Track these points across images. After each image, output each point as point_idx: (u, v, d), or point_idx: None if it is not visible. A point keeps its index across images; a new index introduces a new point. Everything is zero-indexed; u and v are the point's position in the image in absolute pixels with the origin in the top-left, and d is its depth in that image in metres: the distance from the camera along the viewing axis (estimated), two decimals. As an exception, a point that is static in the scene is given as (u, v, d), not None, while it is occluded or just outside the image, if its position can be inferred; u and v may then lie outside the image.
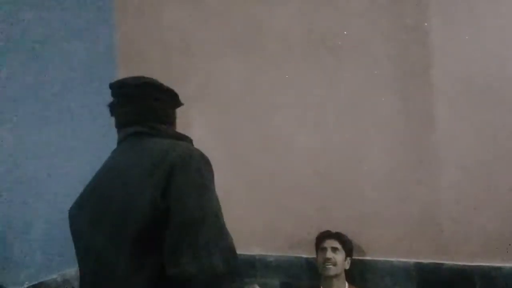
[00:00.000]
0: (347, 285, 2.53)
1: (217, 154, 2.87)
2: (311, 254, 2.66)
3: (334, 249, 2.53)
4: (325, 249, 2.54)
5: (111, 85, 1.65)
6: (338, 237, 2.57)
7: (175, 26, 3.03)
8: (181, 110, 1.73)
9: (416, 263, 2.53)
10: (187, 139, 1.63)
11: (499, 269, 2.38)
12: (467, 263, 2.43)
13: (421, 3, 2.51)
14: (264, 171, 2.84)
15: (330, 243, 2.55)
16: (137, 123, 1.61)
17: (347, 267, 2.55)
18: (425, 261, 2.52)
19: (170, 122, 1.68)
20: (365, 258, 2.63)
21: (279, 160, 2.81)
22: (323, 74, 2.72)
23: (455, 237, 2.47)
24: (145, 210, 1.37)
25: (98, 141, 2.85)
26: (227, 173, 2.90)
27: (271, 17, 2.81)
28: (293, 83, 2.78)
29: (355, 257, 2.61)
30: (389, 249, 2.58)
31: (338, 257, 2.51)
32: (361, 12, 2.62)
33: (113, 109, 1.66)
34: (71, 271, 2.62)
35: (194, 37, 2.96)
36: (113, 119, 3.04)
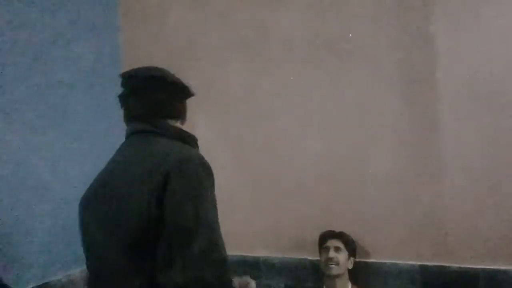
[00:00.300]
0: (350, 285, 2.52)
1: (221, 156, 2.91)
2: (316, 256, 2.66)
3: (337, 248, 2.52)
4: (328, 249, 2.53)
5: (121, 76, 1.64)
6: (341, 236, 2.56)
7: (180, 29, 3.04)
8: (185, 112, 1.71)
9: (420, 265, 2.52)
10: (191, 139, 1.61)
11: (504, 272, 2.37)
12: (472, 266, 2.43)
13: (426, 7, 2.51)
14: (269, 173, 2.84)
15: (333, 242, 2.54)
16: (143, 117, 1.59)
17: (350, 267, 2.54)
18: (429, 263, 2.51)
19: (178, 115, 1.66)
20: (370, 260, 2.63)
21: (283, 162, 2.81)
22: (327, 77, 2.72)
23: (460, 239, 2.46)
24: (139, 216, 1.37)
25: (103, 143, 2.86)
26: (232, 175, 2.91)
27: (276, 21, 2.82)
28: (298, 86, 2.78)
29: (359, 259, 2.61)
30: (393, 251, 2.58)
31: (341, 256, 2.50)
32: (366, 16, 2.63)
33: (121, 100, 1.64)
34: (76, 272, 2.62)
35: (199, 40, 2.97)
36: (117, 119, 3.05)
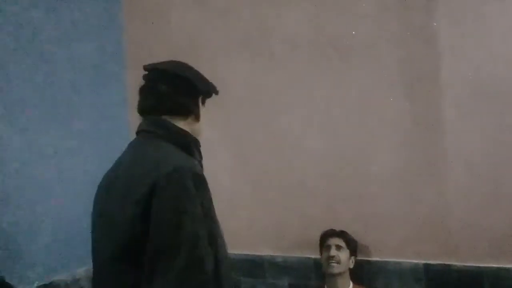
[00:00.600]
0: (351, 284, 2.52)
1: (224, 156, 2.91)
2: (319, 255, 2.66)
3: (339, 247, 2.52)
4: (329, 247, 2.53)
5: (143, 68, 1.63)
6: (343, 235, 2.56)
7: (182, 28, 3.04)
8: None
9: (424, 264, 2.52)
10: (190, 144, 1.56)
11: (508, 270, 2.37)
12: (476, 264, 2.42)
13: (429, 5, 2.50)
14: (271, 172, 2.84)
15: (334, 241, 2.54)
16: (148, 112, 1.57)
17: (351, 266, 2.54)
18: (433, 262, 2.51)
19: (184, 112, 1.59)
20: (373, 259, 2.63)
21: (286, 161, 2.81)
22: (330, 76, 2.72)
23: (464, 238, 2.46)
24: (124, 229, 1.38)
25: (106, 142, 2.87)
26: (234, 174, 2.91)
27: (279, 19, 2.81)
28: (301, 84, 2.78)
29: (362, 258, 2.61)
30: (397, 250, 2.58)
31: (342, 255, 2.50)
32: (369, 14, 2.62)
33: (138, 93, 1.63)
34: (81, 271, 2.63)
35: (202, 38, 2.97)
36: (121, 118, 3.07)
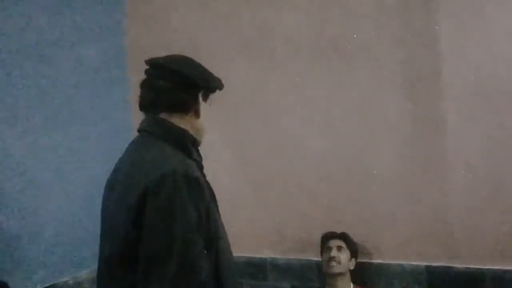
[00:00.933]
0: (352, 286, 2.52)
1: (225, 157, 2.91)
2: (321, 259, 2.66)
3: (339, 248, 2.53)
4: (330, 248, 2.54)
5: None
6: (343, 237, 2.56)
7: (184, 30, 3.04)
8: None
9: (426, 266, 2.52)
10: (186, 143, 1.53)
11: (510, 272, 2.36)
12: (478, 266, 2.42)
13: (430, 6, 2.50)
14: (273, 174, 2.84)
15: (335, 242, 2.55)
16: (146, 107, 1.55)
17: (351, 267, 2.54)
18: (435, 264, 2.51)
19: (182, 108, 1.54)
20: (375, 261, 2.63)
21: (287, 162, 2.81)
22: (331, 77, 2.72)
23: (466, 240, 2.46)
24: (118, 235, 1.39)
25: (108, 144, 2.87)
26: (236, 175, 2.91)
27: (279, 21, 2.81)
28: (302, 86, 2.78)
29: (364, 260, 2.61)
30: (398, 252, 2.58)
31: (343, 256, 2.50)
32: (370, 16, 2.62)
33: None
34: (83, 274, 2.63)
35: (203, 40, 2.97)
36: (122, 120, 3.07)
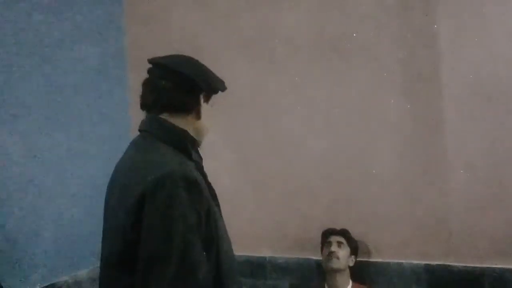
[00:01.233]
0: (351, 282, 2.52)
1: (225, 157, 2.92)
2: (321, 256, 2.66)
3: (339, 243, 2.54)
4: (330, 243, 2.55)
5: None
6: (344, 233, 2.58)
7: (184, 30, 3.04)
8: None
9: (425, 265, 2.53)
10: (186, 144, 1.52)
11: (509, 271, 2.37)
12: (477, 265, 2.43)
13: (429, 6, 2.51)
14: (273, 173, 2.85)
15: (335, 238, 2.56)
16: (147, 107, 1.55)
17: (351, 264, 2.54)
18: (434, 263, 2.52)
19: (183, 109, 1.53)
20: (374, 260, 2.63)
21: (288, 162, 2.81)
22: (331, 77, 2.73)
23: (465, 238, 2.47)
24: (118, 236, 1.40)
25: (109, 144, 2.87)
26: (236, 175, 2.91)
27: (280, 21, 2.82)
28: (302, 86, 2.78)
29: (364, 259, 2.61)
30: (398, 251, 2.59)
31: (343, 251, 2.51)
32: (370, 15, 2.63)
33: None
34: (82, 273, 2.64)
35: (203, 40, 2.97)
36: (122, 120, 3.07)
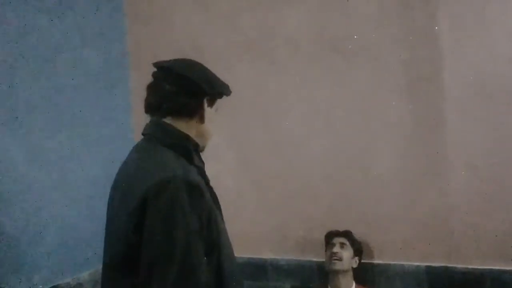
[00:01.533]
0: (354, 284, 2.52)
1: (227, 158, 2.92)
2: (322, 257, 2.65)
3: (342, 244, 2.53)
4: (333, 245, 2.55)
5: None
6: (347, 235, 2.57)
7: (185, 31, 3.05)
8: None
9: (426, 266, 2.53)
10: (189, 150, 1.52)
11: (510, 272, 2.37)
12: (478, 266, 2.43)
13: (431, 7, 2.51)
14: (274, 174, 2.85)
15: (339, 239, 2.56)
16: (150, 110, 1.55)
17: (354, 265, 2.54)
18: (435, 264, 2.52)
19: (186, 113, 1.53)
20: (376, 261, 2.63)
21: (289, 163, 2.82)
22: (332, 78, 2.73)
23: (466, 240, 2.46)
24: (120, 240, 1.41)
25: (110, 146, 2.88)
26: (238, 176, 2.92)
27: (281, 21, 2.82)
28: (303, 86, 2.78)
29: (365, 260, 2.61)
30: (399, 252, 2.58)
31: (346, 253, 2.51)
32: (371, 16, 2.63)
33: None
34: (84, 275, 2.65)
35: (205, 41, 2.98)
36: (125, 122, 3.07)
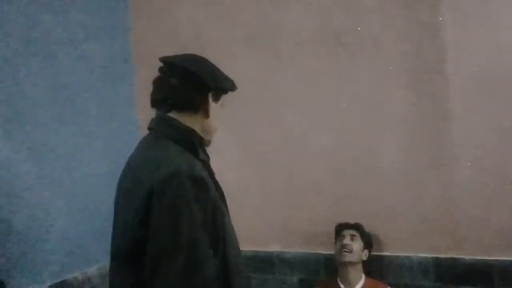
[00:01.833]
0: (363, 277, 2.51)
1: (232, 153, 2.92)
2: (329, 250, 2.67)
3: (353, 236, 2.53)
4: (343, 237, 2.55)
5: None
6: (357, 227, 2.58)
7: (189, 26, 3.05)
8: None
9: (433, 258, 2.53)
10: (192, 143, 1.54)
11: (517, 263, 2.37)
12: (484, 257, 2.43)
13: (434, -2, 2.50)
14: (279, 168, 2.85)
15: (348, 231, 2.56)
16: (156, 104, 1.58)
17: (364, 258, 2.54)
18: (442, 256, 2.52)
19: (191, 107, 1.56)
20: (382, 253, 2.63)
21: (294, 157, 2.82)
22: (336, 71, 2.72)
23: (472, 231, 2.46)
24: (126, 232, 1.43)
25: (114, 141, 2.89)
26: (243, 171, 2.92)
27: (284, 15, 2.82)
28: (307, 80, 2.78)
29: (372, 252, 2.60)
30: (405, 244, 2.58)
31: (356, 245, 2.51)
32: (375, 8, 2.61)
33: None
34: (92, 269, 2.67)
35: (208, 36, 2.98)
36: (128, 117, 3.08)
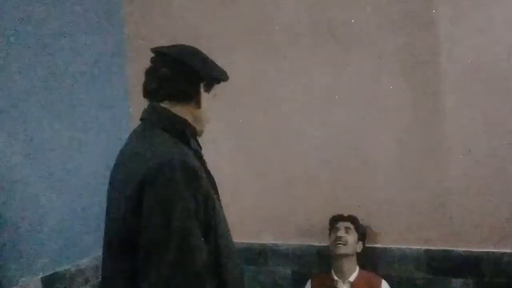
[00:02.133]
0: (357, 268, 2.53)
1: (226, 145, 2.93)
2: (322, 242, 2.68)
3: (347, 229, 2.54)
4: (337, 229, 2.55)
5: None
6: (352, 219, 2.58)
7: (183, 18, 3.04)
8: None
9: (426, 250, 2.55)
10: (186, 134, 1.56)
11: (509, 255, 2.39)
12: (477, 249, 2.45)
13: (429, -9, 2.51)
14: (274, 161, 2.86)
15: (343, 224, 2.57)
16: (148, 94, 1.59)
17: (358, 250, 2.55)
18: (435, 248, 2.53)
19: (183, 97, 1.58)
20: (376, 245, 2.65)
21: (288, 150, 2.82)
22: (330, 64, 2.73)
23: (465, 223, 2.48)
24: (118, 223, 1.43)
25: (109, 133, 2.89)
26: (237, 163, 2.93)
27: (278, 8, 2.81)
28: (301, 73, 2.78)
29: (366, 244, 2.62)
30: (399, 236, 2.60)
31: (350, 237, 2.51)
32: (368, 2, 2.62)
33: None
34: (85, 262, 2.66)
35: (203, 29, 2.97)
36: (122, 110, 3.08)
